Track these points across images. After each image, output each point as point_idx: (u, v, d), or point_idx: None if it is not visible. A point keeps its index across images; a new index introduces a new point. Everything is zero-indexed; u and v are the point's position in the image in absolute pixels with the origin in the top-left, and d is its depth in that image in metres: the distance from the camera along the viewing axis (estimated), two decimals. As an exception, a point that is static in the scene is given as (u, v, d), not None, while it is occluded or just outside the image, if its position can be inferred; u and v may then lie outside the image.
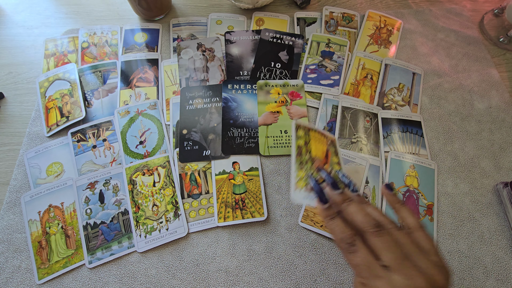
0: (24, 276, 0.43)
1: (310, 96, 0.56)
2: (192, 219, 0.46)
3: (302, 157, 0.40)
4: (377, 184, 0.48)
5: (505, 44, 0.62)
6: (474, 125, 0.54)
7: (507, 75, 0.59)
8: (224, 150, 0.50)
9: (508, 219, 0.46)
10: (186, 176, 0.49)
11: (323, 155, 0.41)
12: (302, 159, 0.39)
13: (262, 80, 0.56)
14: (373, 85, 0.57)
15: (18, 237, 0.45)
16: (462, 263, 0.44)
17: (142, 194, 0.47)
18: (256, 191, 0.48)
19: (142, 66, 0.58)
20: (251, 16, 0.64)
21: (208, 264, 0.44)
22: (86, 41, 0.61)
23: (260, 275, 0.43)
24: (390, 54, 0.61)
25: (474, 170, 0.51)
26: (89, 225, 0.45)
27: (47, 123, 0.53)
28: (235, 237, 0.45)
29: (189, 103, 0.54)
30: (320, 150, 0.41)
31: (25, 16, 0.65)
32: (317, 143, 0.42)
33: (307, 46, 0.60)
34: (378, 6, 0.67)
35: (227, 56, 0.59)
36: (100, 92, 0.56)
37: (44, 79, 0.56)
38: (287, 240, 0.45)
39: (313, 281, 0.43)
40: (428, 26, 0.64)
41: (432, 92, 0.57)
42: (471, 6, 0.68)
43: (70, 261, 0.43)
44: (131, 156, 0.50)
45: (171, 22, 0.63)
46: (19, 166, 0.50)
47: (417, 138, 0.52)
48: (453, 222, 0.47)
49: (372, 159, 0.50)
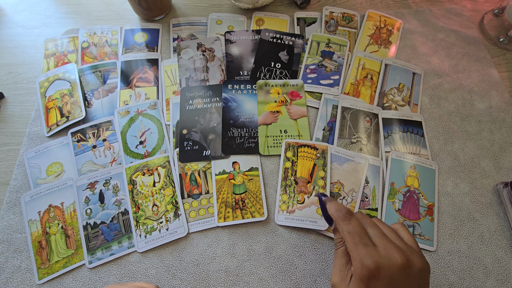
0: (24, 276, 0.43)
1: (310, 96, 0.56)
2: (192, 219, 0.46)
3: (287, 181, 0.47)
4: (377, 184, 0.48)
5: (505, 44, 0.62)
6: (474, 125, 0.54)
7: (507, 75, 0.59)
8: (224, 150, 0.50)
9: (508, 219, 0.46)
10: (186, 176, 0.49)
11: (308, 172, 0.48)
12: (286, 182, 0.47)
13: (261, 80, 0.56)
14: (373, 85, 0.57)
15: (18, 237, 0.45)
16: (462, 263, 0.44)
17: (142, 194, 0.47)
18: (256, 191, 0.48)
19: (142, 66, 0.58)
20: (251, 16, 0.64)
21: (208, 264, 0.44)
22: (86, 41, 0.61)
23: (260, 275, 0.43)
24: (390, 54, 0.61)
25: (474, 170, 0.51)
26: (89, 225, 0.45)
27: (47, 123, 0.53)
28: (235, 237, 0.45)
29: (189, 103, 0.54)
30: (306, 168, 0.48)
31: (25, 16, 0.65)
32: (304, 161, 0.48)
33: (307, 46, 0.60)
34: (378, 6, 0.67)
35: (227, 56, 0.59)
36: (100, 92, 0.56)
37: (44, 79, 0.56)
38: (287, 240, 0.45)
39: (313, 281, 0.43)
40: (428, 26, 0.64)
41: (432, 92, 0.57)
42: (471, 6, 0.68)
43: (70, 261, 0.43)
44: (131, 156, 0.50)
45: (171, 22, 0.63)
46: (19, 166, 0.50)
47: (417, 138, 0.52)
48: (453, 222, 0.47)
49: (372, 159, 0.50)
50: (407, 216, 0.46)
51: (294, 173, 0.48)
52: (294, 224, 0.45)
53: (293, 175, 0.48)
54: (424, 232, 0.45)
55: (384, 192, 0.48)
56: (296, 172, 0.48)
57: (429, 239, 0.45)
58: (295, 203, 0.46)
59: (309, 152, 0.49)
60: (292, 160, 0.49)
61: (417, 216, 0.46)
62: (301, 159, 0.48)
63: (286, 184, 0.47)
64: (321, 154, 0.49)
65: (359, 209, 0.46)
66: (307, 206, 0.46)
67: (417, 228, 0.46)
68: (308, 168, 0.48)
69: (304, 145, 0.50)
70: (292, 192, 0.47)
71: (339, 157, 0.50)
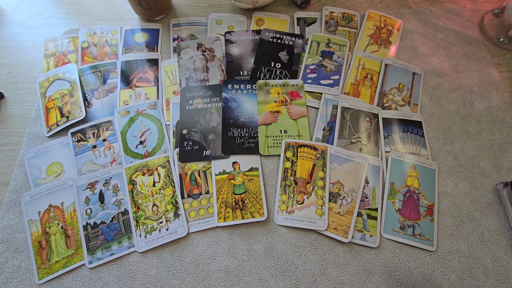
0: (24, 276, 0.43)
1: (310, 96, 0.56)
2: (192, 219, 0.46)
3: (287, 181, 0.47)
4: (377, 184, 0.48)
5: (505, 44, 0.62)
6: (474, 125, 0.54)
7: (507, 75, 0.59)
8: (224, 150, 0.50)
9: (508, 219, 0.46)
10: (186, 176, 0.49)
11: (308, 173, 0.48)
12: (286, 182, 0.47)
13: (261, 80, 0.56)
14: (373, 85, 0.57)
15: (18, 237, 0.45)
16: (462, 263, 0.44)
17: (142, 194, 0.47)
18: (256, 191, 0.48)
19: (142, 66, 0.58)
20: (251, 16, 0.64)
21: (208, 264, 0.44)
22: (86, 41, 0.61)
23: (260, 275, 0.43)
24: (390, 54, 0.61)
25: (474, 170, 0.51)
26: (89, 225, 0.45)
27: (47, 123, 0.53)
28: (235, 237, 0.45)
29: (189, 103, 0.54)
30: (306, 168, 0.48)
31: (25, 16, 0.65)
32: (304, 161, 0.48)
33: (307, 46, 0.60)
34: (378, 6, 0.67)
35: (227, 56, 0.59)
36: (100, 92, 0.56)
37: (44, 79, 0.56)
38: (287, 240, 0.45)
39: (313, 281, 0.43)
40: (428, 26, 0.64)
41: (432, 92, 0.57)
42: (471, 6, 0.68)
43: (70, 261, 0.43)
44: (131, 156, 0.50)
45: (171, 22, 0.63)
46: (19, 166, 0.50)
47: (417, 138, 0.52)
48: (453, 222, 0.47)
49: (372, 159, 0.50)
50: (407, 216, 0.46)
51: (294, 173, 0.48)
52: (293, 224, 0.45)
53: (292, 175, 0.48)
54: (424, 232, 0.45)
55: (384, 192, 0.48)
56: (295, 172, 0.48)
57: (429, 239, 0.45)
58: (294, 203, 0.46)
59: (308, 152, 0.49)
60: (292, 160, 0.49)
61: (417, 216, 0.46)
62: (301, 159, 0.49)
63: (286, 184, 0.47)
64: (320, 155, 0.49)
65: (359, 209, 0.46)
66: (307, 207, 0.46)
67: (417, 228, 0.46)
68: (308, 168, 0.48)
69: (304, 145, 0.50)
70: (292, 192, 0.47)
71: (338, 157, 0.50)
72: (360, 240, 0.45)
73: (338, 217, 0.46)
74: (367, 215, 0.46)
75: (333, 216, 0.46)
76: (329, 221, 0.45)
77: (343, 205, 0.46)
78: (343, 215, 0.46)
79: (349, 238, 0.44)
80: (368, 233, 0.45)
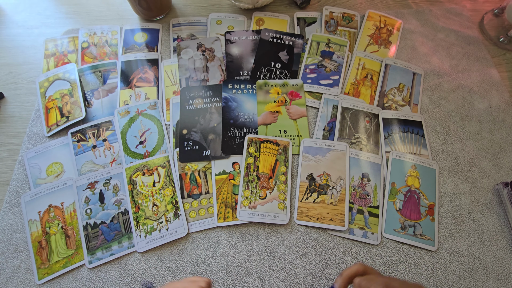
0: (24, 276, 0.43)
1: (310, 96, 0.56)
2: (192, 219, 0.46)
3: (249, 176, 0.47)
4: (379, 182, 0.48)
5: (505, 44, 0.62)
6: (474, 125, 0.54)
7: (507, 75, 0.59)
8: (224, 150, 0.50)
9: (508, 219, 0.46)
10: (186, 176, 0.48)
11: (270, 168, 0.48)
12: (249, 178, 0.47)
13: (261, 80, 0.56)
14: (373, 85, 0.57)
15: (18, 237, 0.45)
16: (462, 263, 0.44)
17: (142, 194, 0.47)
18: (256, 191, 0.48)
19: (142, 66, 0.58)
20: (251, 16, 0.64)
21: (208, 264, 0.44)
22: (86, 41, 0.61)
23: (260, 275, 0.43)
24: (390, 54, 0.61)
25: (474, 170, 0.51)
26: (89, 225, 0.45)
27: (47, 123, 0.53)
28: (235, 237, 0.45)
29: (189, 103, 0.54)
30: (268, 163, 0.48)
31: (25, 16, 0.65)
32: (267, 157, 0.49)
33: (307, 46, 0.60)
34: (378, 6, 0.67)
35: (227, 56, 0.59)
36: (100, 92, 0.56)
37: (44, 79, 0.56)
38: (287, 240, 0.45)
39: (313, 281, 0.43)
40: (428, 26, 0.64)
41: (432, 92, 0.57)
42: (471, 6, 0.68)
43: (70, 261, 0.43)
44: (131, 156, 0.50)
45: (171, 22, 0.63)
46: (19, 166, 0.50)
47: (418, 138, 0.52)
48: (453, 222, 0.47)
49: (373, 157, 0.50)
50: (408, 216, 0.46)
51: (257, 168, 0.48)
52: (255, 220, 0.45)
53: (255, 171, 0.48)
54: (425, 232, 0.45)
55: (384, 192, 0.48)
56: (258, 167, 0.48)
57: (430, 239, 0.45)
58: (257, 198, 0.46)
59: (271, 147, 0.49)
60: (254, 156, 0.49)
61: (418, 216, 0.46)
62: (264, 154, 0.49)
63: (249, 180, 0.48)
64: (282, 150, 0.49)
65: (360, 206, 0.46)
66: (269, 201, 0.46)
67: (418, 228, 0.45)
68: (270, 163, 0.48)
69: (266, 140, 0.50)
70: (254, 187, 0.47)
71: (320, 148, 0.50)
72: (362, 237, 0.45)
73: (332, 208, 0.46)
74: (368, 213, 0.46)
75: (326, 207, 0.46)
76: (324, 213, 0.46)
77: (334, 195, 0.47)
78: (336, 204, 0.46)
79: (346, 226, 0.45)
80: (370, 230, 0.45)
